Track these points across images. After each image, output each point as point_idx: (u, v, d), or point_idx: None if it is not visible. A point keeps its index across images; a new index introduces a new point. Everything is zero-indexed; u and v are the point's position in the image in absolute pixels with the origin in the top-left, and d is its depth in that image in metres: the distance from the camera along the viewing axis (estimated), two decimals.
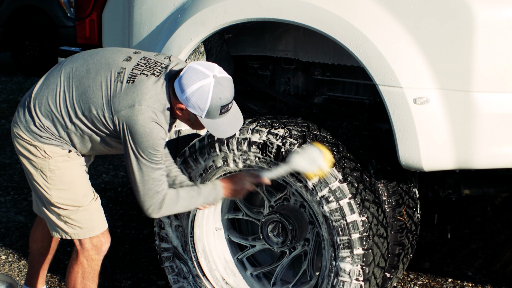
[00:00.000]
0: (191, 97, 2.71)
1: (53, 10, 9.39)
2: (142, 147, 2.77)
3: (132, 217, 4.93)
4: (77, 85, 2.85)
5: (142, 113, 2.73)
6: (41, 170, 2.95)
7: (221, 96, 2.72)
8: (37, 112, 2.89)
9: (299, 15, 2.97)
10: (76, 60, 2.94)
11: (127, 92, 2.77)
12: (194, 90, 2.71)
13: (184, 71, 2.75)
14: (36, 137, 2.92)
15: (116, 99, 2.78)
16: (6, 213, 4.99)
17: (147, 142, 2.76)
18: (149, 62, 2.85)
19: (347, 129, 3.27)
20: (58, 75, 2.92)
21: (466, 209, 4.83)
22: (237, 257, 3.50)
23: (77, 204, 3.01)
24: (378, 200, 3.10)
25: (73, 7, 6.86)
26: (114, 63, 2.85)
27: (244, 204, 3.45)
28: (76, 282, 3.10)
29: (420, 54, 2.79)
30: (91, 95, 2.82)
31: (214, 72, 2.74)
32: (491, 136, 2.78)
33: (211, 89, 2.70)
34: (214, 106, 2.73)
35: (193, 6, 3.23)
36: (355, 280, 3.04)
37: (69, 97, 2.85)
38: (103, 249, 3.11)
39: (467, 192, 3.38)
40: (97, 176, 5.72)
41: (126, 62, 2.85)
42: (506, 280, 3.98)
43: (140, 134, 2.75)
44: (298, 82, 3.73)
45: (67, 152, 2.95)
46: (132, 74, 2.80)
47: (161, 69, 2.83)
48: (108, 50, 2.97)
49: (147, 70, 2.81)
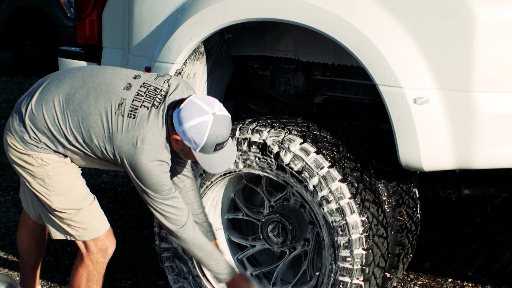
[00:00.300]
0: (188, 131, 2.71)
1: (53, 10, 9.38)
2: (147, 184, 2.80)
3: (132, 217, 4.93)
4: (76, 109, 2.83)
5: (144, 152, 2.74)
6: (39, 178, 2.94)
7: (217, 135, 2.73)
8: (33, 128, 2.87)
9: (299, 15, 2.97)
10: (74, 79, 2.91)
11: (129, 129, 2.76)
12: (192, 126, 2.71)
13: (184, 104, 2.73)
14: (32, 147, 2.90)
15: (117, 134, 2.77)
16: (6, 213, 4.99)
17: (151, 180, 2.78)
18: (148, 90, 2.82)
19: (347, 129, 3.27)
20: (56, 93, 2.88)
21: (466, 209, 4.83)
22: (237, 257, 3.50)
23: (77, 207, 3.00)
24: (378, 200, 3.10)
25: (73, 7, 6.85)
26: (114, 91, 2.83)
27: (244, 204, 3.45)
28: (80, 284, 3.09)
29: (420, 54, 2.79)
30: (92, 124, 2.81)
31: (214, 109, 2.73)
32: (491, 136, 2.78)
33: (209, 127, 2.70)
34: (209, 143, 2.73)
35: (193, 6, 3.23)
36: (355, 280, 3.04)
37: (69, 121, 2.83)
38: (109, 252, 3.10)
39: (467, 192, 3.38)
40: (97, 176, 5.72)
41: (126, 91, 2.83)
42: (506, 280, 3.98)
43: (143, 173, 2.77)
44: (298, 82, 3.73)
45: (63, 158, 2.95)
46: (133, 106, 2.78)
47: (161, 98, 2.81)
48: (107, 73, 2.92)
49: (148, 101, 2.79)
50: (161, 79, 2.89)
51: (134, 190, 5.40)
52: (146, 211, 4.97)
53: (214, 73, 3.52)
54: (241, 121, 3.25)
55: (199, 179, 3.26)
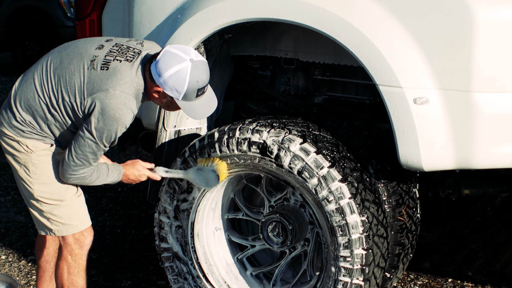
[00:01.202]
0: (169, 80, 2.80)
1: (53, 10, 9.38)
2: (104, 130, 2.83)
3: (132, 217, 4.94)
4: (51, 76, 2.92)
5: (115, 98, 2.81)
6: (24, 165, 3.01)
7: (198, 79, 2.82)
8: (18, 107, 2.96)
9: (299, 15, 2.97)
10: (51, 54, 3.01)
11: (102, 78, 2.84)
12: (171, 74, 2.79)
13: (161, 55, 2.81)
14: (19, 132, 2.97)
15: (90, 85, 2.84)
16: (6, 213, 4.99)
17: (112, 126, 2.83)
18: (121, 48, 2.92)
19: (347, 129, 3.27)
20: (34, 70, 2.99)
21: (466, 209, 4.83)
22: (237, 257, 3.50)
23: (59, 198, 3.05)
24: (378, 200, 3.10)
25: (73, 7, 6.85)
26: (86, 52, 2.92)
27: (244, 204, 3.45)
28: (63, 278, 3.14)
29: (420, 54, 2.79)
30: (64, 83, 2.89)
31: (191, 55, 2.82)
32: (491, 136, 2.78)
33: (188, 72, 2.79)
34: (191, 89, 2.81)
35: (193, 6, 3.23)
36: (355, 280, 3.04)
37: (45, 88, 2.92)
38: (86, 242, 3.13)
39: (467, 192, 3.38)
40: None
41: (99, 50, 2.91)
42: (506, 280, 3.98)
43: (109, 117, 2.81)
44: (298, 82, 3.73)
45: (49, 146, 3.01)
46: (106, 60, 2.87)
47: (133, 54, 2.90)
48: (81, 41, 3.03)
49: (120, 56, 2.88)
50: (133, 41, 3.00)
51: (134, 190, 5.40)
52: (146, 211, 4.98)
53: (214, 73, 3.52)
54: (241, 121, 3.25)
55: None
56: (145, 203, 5.16)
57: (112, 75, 2.83)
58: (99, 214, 4.96)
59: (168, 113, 3.42)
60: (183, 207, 3.34)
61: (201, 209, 3.35)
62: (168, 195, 3.36)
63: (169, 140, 3.51)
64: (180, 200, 3.34)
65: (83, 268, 3.16)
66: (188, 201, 3.32)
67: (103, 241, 4.54)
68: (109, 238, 4.59)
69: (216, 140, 3.18)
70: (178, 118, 3.49)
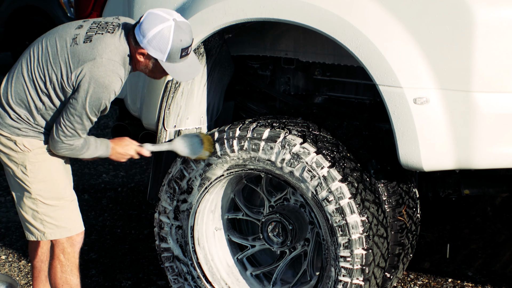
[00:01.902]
0: (153, 40, 2.84)
1: (53, 10, 9.36)
2: (94, 98, 2.85)
3: (132, 217, 4.93)
4: (37, 63, 2.95)
5: (103, 65, 2.83)
6: (21, 165, 3.01)
7: (181, 39, 2.85)
8: (11, 104, 2.97)
9: (299, 15, 2.97)
10: (32, 45, 3.04)
11: (86, 50, 2.86)
12: (155, 33, 2.83)
13: (144, 17, 2.87)
14: (14, 131, 2.97)
15: (75, 58, 2.87)
16: (6, 213, 4.99)
17: (102, 93, 2.85)
18: (100, 24, 2.96)
19: (347, 129, 3.27)
20: (19, 64, 3.02)
21: (466, 209, 4.83)
22: (237, 257, 3.50)
23: (57, 196, 3.05)
24: (378, 200, 3.10)
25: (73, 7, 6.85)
26: (66, 33, 2.96)
27: (244, 204, 3.45)
28: (56, 276, 3.14)
29: (420, 54, 2.79)
30: (50, 65, 2.91)
31: (174, 16, 2.87)
32: (491, 136, 2.78)
33: (171, 31, 2.83)
34: (175, 49, 2.85)
35: (193, 6, 3.23)
36: (355, 280, 3.04)
37: (33, 75, 2.94)
38: (78, 240, 3.14)
39: (467, 192, 3.38)
40: (97, 176, 5.72)
41: (79, 29, 2.96)
42: (506, 280, 3.98)
43: (98, 85, 2.83)
44: (298, 82, 3.73)
45: (46, 145, 3.01)
46: (88, 35, 2.90)
47: (113, 27, 2.94)
48: (59, 27, 3.06)
49: (101, 30, 2.92)
50: (110, 17, 3.05)
51: (134, 190, 5.41)
52: (146, 211, 4.98)
53: (214, 73, 3.52)
54: (241, 121, 3.25)
55: (199, 179, 3.26)
56: (145, 203, 5.16)
57: (97, 44, 2.86)
58: (99, 214, 4.96)
59: (168, 113, 3.42)
60: (183, 207, 3.34)
61: (201, 210, 3.35)
62: (168, 195, 3.36)
63: (169, 140, 3.51)
64: (180, 200, 3.34)
65: (76, 266, 3.16)
66: (188, 202, 3.32)
67: (103, 241, 4.54)
68: (109, 238, 4.59)
69: (216, 140, 3.18)
70: (178, 119, 3.49)
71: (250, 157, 3.13)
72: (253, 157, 3.12)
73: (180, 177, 3.30)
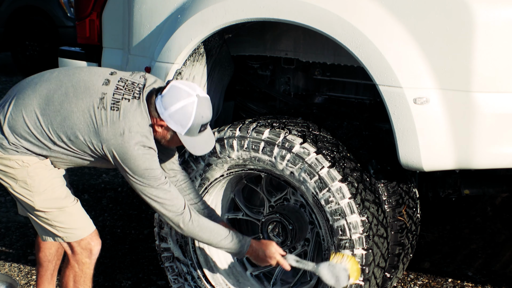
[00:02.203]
0: (175, 114, 2.79)
1: (53, 10, 9.37)
2: (139, 171, 2.83)
3: (132, 217, 4.94)
4: (57, 109, 2.85)
5: (132, 139, 2.79)
6: (21, 181, 2.95)
7: (203, 115, 2.82)
8: (13, 134, 2.89)
9: (299, 15, 2.97)
10: (51, 81, 2.92)
11: (114, 121, 2.80)
12: (178, 108, 2.79)
13: (167, 90, 2.81)
14: (11, 153, 2.91)
15: (103, 128, 2.80)
16: (6, 213, 4.99)
17: (143, 164, 2.81)
18: (127, 84, 2.88)
19: (347, 129, 3.27)
20: (34, 96, 2.89)
21: (466, 209, 4.83)
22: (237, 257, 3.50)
23: (60, 205, 3.01)
24: (378, 200, 3.10)
25: (73, 7, 6.85)
26: (93, 88, 2.86)
27: (244, 204, 3.45)
28: (68, 286, 3.10)
29: (420, 54, 2.79)
30: (76, 121, 2.83)
31: (197, 91, 2.82)
32: (491, 136, 2.78)
33: (194, 108, 2.79)
34: (195, 124, 2.81)
35: (193, 6, 3.23)
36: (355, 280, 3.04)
37: (51, 121, 2.85)
38: (94, 251, 3.09)
39: (467, 192, 3.38)
40: (97, 176, 5.72)
41: (106, 86, 2.87)
42: (506, 280, 3.98)
43: (134, 159, 2.80)
44: (298, 82, 3.73)
45: (44, 159, 2.96)
46: (114, 99, 2.83)
47: (139, 90, 2.87)
48: (84, 72, 2.97)
49: (128, 94, 2.85)
50: (136, 74, 2.97)
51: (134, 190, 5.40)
52: (146, 211, 4.98)
53: (214, 73, 3.52)
54: (241, 121, 3.25)
55: (199, 179, 3.26)
56: (145, 203, 5.14)
57: (124, 116, 2.80)
58: (99, 214, 4.96)
59: None
60: None
61: None
62: None
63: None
64: None
65: (89, 278, 3.11)
66: None
67: (103, 241, 4.49)
68: (109, 238, 4.59)
69: (216, 140, 3.18)
70: None
71: (250, 157, 3.13)
72: (253, 157, 3.12)
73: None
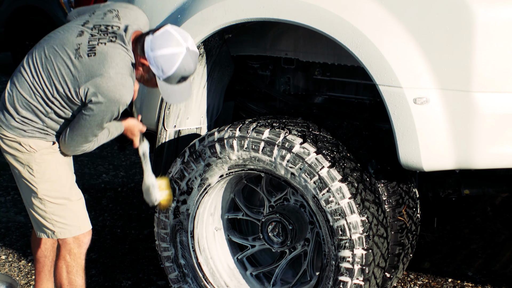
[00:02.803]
0: (159, 59, 2.86)
1: (53, 10, 9.36)
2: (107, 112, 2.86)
3: (132, 217, 4.93)
4: (42, 70, 2.93)
5: (112, 80, 2.83)
6: (27, 165, 3.01)
7: (186, 68, 2.88)
8: (17, 108, 2.96)
9: (299, 15, 2.97)
10: (35, 49, 3.02)
11: (92, 65, 2.85)
12: (164, 54, 2.85)
13: (160, 32, 2.87)
14: (20, 132, 2.98)
15: (81, 73, 2.85)
16: (6, 213, 4.99)
17: (114, 107, 2.86)
18: (101, 29, 2.93)
19: (347, 129, 3.27)
20: (23, 69, 2.99)
21: (466, 209, 4.83)
22: (237, 257, 3.50)
23: (63, 196, 3.05)
24: (378, 200, 3.10)
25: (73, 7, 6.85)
26: (68, 43, 2.93)
27: (244, 204, 3.45)
28: (61, 277, 3.14)
29: (420, 54, 2.79)
30: (55, 76, 2.90)
31: (188, 43, 2.89)
32: (491, 136, 2.78)
33: (180, 58, 2.86)
34: (176, 74, 2.88)
35: (193, 6, 3.23)
36: (355, 280, 3.04)
37: (38, 84, 2.93)
38: (85, 241, 3.14)
39: (467, 192, 3.38)
40: (97, 176, 5.72)
41: (80, 37, 2.92)
42: (506, 280, 3.98)
43: (110, 100, 2.83)
44: (298, 82, 3.73)
45: (51, 144, 3.02)
46: (90, 46, 2.88)
47: (114, 33, 2.92)
48: (60, 32, 3.03)
49: (103, 38, 2.90)
50: (109, 14, 2.99)
51: (134, 190, 5.40)
52: (146, 211, 4.98)
53: (214, 73, 3.52)
54: (241, 121, 3.25)
55: (199, 179, 3.26)
56: (145, 203, 5.15)
57: (102, 59, 2.84)
58: (99, 214, 4.96)
59: (168, 113, 3.43)
60: (183, 208, 3.34)
61: (201, 210, 3.35)
62: None
63: (169, 140, 3.51)
64: (180, 201, 3.34)
65: (81, 267, 3.16)
66: (188, 203, 3.32)
67: (103, 241, 4.54)
68: (109, 238, 4.59)
69: (216, 140, 3.18)
70: (178, 119, 3.49)
71: (250, 157, 3.13)
72: (253, 157, 3.12)
73: (180, 177, 3.30)
